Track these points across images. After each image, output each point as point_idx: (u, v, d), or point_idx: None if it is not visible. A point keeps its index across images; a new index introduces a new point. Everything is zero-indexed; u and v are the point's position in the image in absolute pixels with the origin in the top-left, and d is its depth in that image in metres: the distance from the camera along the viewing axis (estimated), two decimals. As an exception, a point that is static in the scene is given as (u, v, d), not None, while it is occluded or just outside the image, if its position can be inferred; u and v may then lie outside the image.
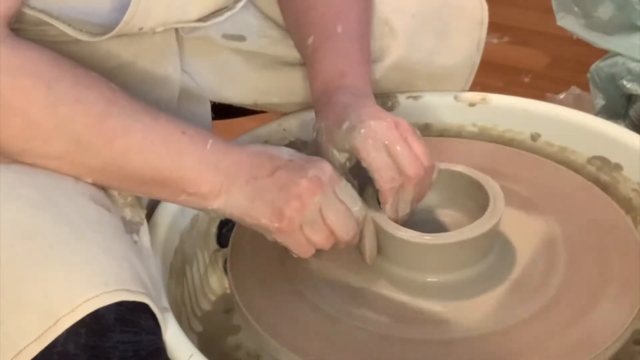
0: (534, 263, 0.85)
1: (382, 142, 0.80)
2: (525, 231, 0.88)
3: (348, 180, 0.81)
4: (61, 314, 0.66)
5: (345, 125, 0.82)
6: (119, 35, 0.84)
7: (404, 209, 0.83)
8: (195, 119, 0.96)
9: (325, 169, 0.78)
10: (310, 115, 1.02)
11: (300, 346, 0.77)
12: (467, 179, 0.87)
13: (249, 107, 1.07)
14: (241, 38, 0.99)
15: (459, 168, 0.88)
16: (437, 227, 0.88)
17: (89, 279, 0.68)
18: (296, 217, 0.76)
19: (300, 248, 0.79)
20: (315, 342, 0.78)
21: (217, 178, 0.77)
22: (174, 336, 0.73)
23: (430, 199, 0.87)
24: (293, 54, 1.01)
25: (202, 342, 0.85)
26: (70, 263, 0.68)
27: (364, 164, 0.81)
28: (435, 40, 1.03)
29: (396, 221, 0.82)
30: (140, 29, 0.83)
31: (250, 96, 1.03)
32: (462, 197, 0.88)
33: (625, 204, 0.94)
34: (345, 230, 0.78)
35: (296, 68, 1.02)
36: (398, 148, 0.80)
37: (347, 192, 0.79)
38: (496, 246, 0.85)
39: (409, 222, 0.83)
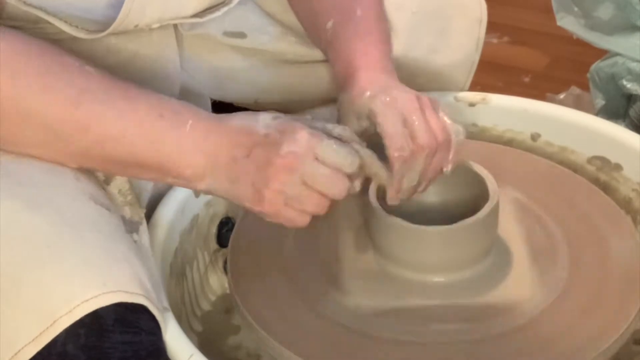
0: (535, 264, 0.85)
1: (401, 112, 0.80)
2: (525, 232, 0.88)
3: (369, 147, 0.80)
4: (59, 314, 0.66)
5: (368, 94, 0.82)
6: (117, 33, 0.84)
7: (411, 180, 0.81)
8: None
9: (299, 139, 0.75)
10: (310, 114, 1.03)
11: (300, 346, 0.77)
12: (465, 170, 0.87)
13: (250, 107, 1.07)
14: (241, 35, 0.99)
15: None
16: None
17: (88, 279, 0.67)
18: (276, 198, 0.75)
19: (293, 221, 0.77)
20: (315, 342, 0.78)
21: (198, 162, 0.76)
22: (174, 336, 0.73)
23: (429, 192, 0.88)
24: (293, 50, 1.01)
25: (202, 342, 0.85)
26: (69, 264, 0.68)
27: (378, 129, 0.81)
28: (434, 39, 1.03)
29: (398, 192, 0.81)
30: (136, 25, 0.83)
31: (250, 95, 1.03)
32: (459, 190, 0.88)
33: (625, 204, 0.94)
34: (337, 191, 0.76)
35: (296, 66, 1.02)
36: (414, 118, 0.80)
37: (332, 150, 0.75)
38: (495, 247, 0.85)
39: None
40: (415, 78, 1.04)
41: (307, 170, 0.75)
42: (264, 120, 0.77)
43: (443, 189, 0.89)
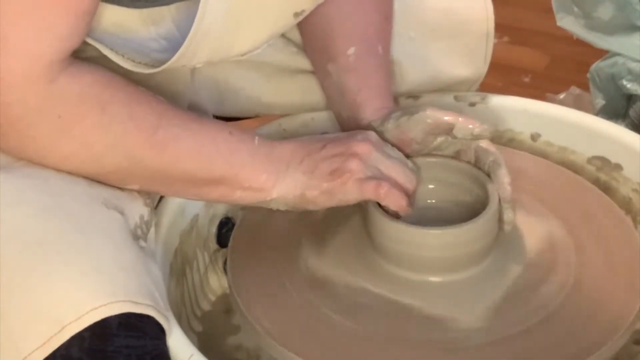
0: (535, 265, 0.84)
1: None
2: (524, 232, 0.88)
3: None
4: (67, 321, 0.66)
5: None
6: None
7: None
8: None
9: (370, 134, 0.83)
10: (310, 115, 1.03)
11: (300, 346, 0.77)
12: (464, 171, 0.87)
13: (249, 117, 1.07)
14: None
15: (456, 162, 0.88)
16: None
17: (97, 288, 0.67)
18: (357, 169, 0.79)
19: (376, 190, 0.79)
20: (315, 343, 0.78)
21: (272, 167, 0.80)
22: (174, 336, 0.73)
23: (429, 193, 0.88)
24: (294, 60, 1.01)
25: (202, 342, 0.85)
26: (79, 271, 0.68)
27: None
28: (439, 60, 1.03)
29: None
30: (183, 65, 0.83)
31: (251, 109, 1.04)
32: (459, 191, 0.88)
33: (625, 204, 0.94)
34: (407, 180, 0.82)
35: (297, 78, 1.02)
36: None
37: (396, 152, 0.84)
38: (496, 247, 0.85)
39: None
40: (418, 92, 1.04)
41: (381, 157, 0.81)
42: (328, 135, 0.86)
43: (442, 190, 0.89)
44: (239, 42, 0.83)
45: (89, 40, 0.79)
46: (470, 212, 0.84)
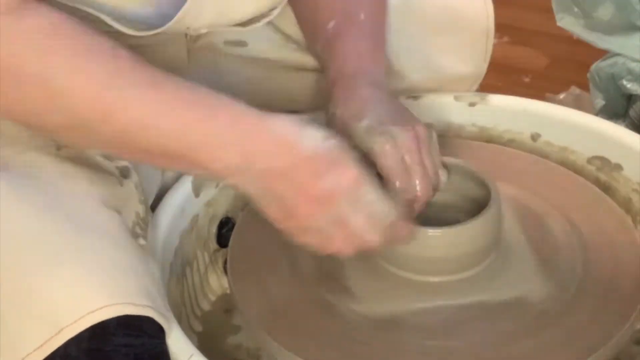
0: (536, 265, 0.84)
1: (401, 154, 0.78)
2: (526, 232, 0.88)
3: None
4: (65, 323, 0.65)
5: (364, 124, 0.79)
6: (138, 46, 0.83)
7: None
8: None
9: (346, 175, 0.72)
10: (310, 115, 1.02)
11: (300, 346, 0.77)
12: (465, 171, 0.87)
13: None
14: (242, 43, 0.99)
15: (456, 161, 0.88)
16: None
17: (95, 290, 0.67)
18: (304, 222, 0.72)
19: (315, 246, 0.75)
20: (316, 342, 0.78)
21: (231, 158, 0.71)
22: (174, 336, 0.73)
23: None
24: (294, 57, 1.01)
25: (202, 342, 0.85)
26: (77, 273, 0.68)
27: (380, 171, 0.78)
28: (439, 57, 1.02)
29: None
30: (187, 28, 0.81)
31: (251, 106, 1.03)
32: (461, 190, 0.88)
33: (625, 204, 0.94)
34: (369, 238, 0.74)
35: (297, 75, 1.02)
36: (416, 168, 0.78)
37: (372, 196, 0.73)
38: (497, 248, 0.85)
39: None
40: (418, 89, 1.04)
41: (343, 211, 0.72)
42: (311, 139, 0.72)
43: (443, 189, 0.89)
44: (242, 2, 0.80)
45: (85, 8, 0.76)
46: (473, 209, 0.84)
